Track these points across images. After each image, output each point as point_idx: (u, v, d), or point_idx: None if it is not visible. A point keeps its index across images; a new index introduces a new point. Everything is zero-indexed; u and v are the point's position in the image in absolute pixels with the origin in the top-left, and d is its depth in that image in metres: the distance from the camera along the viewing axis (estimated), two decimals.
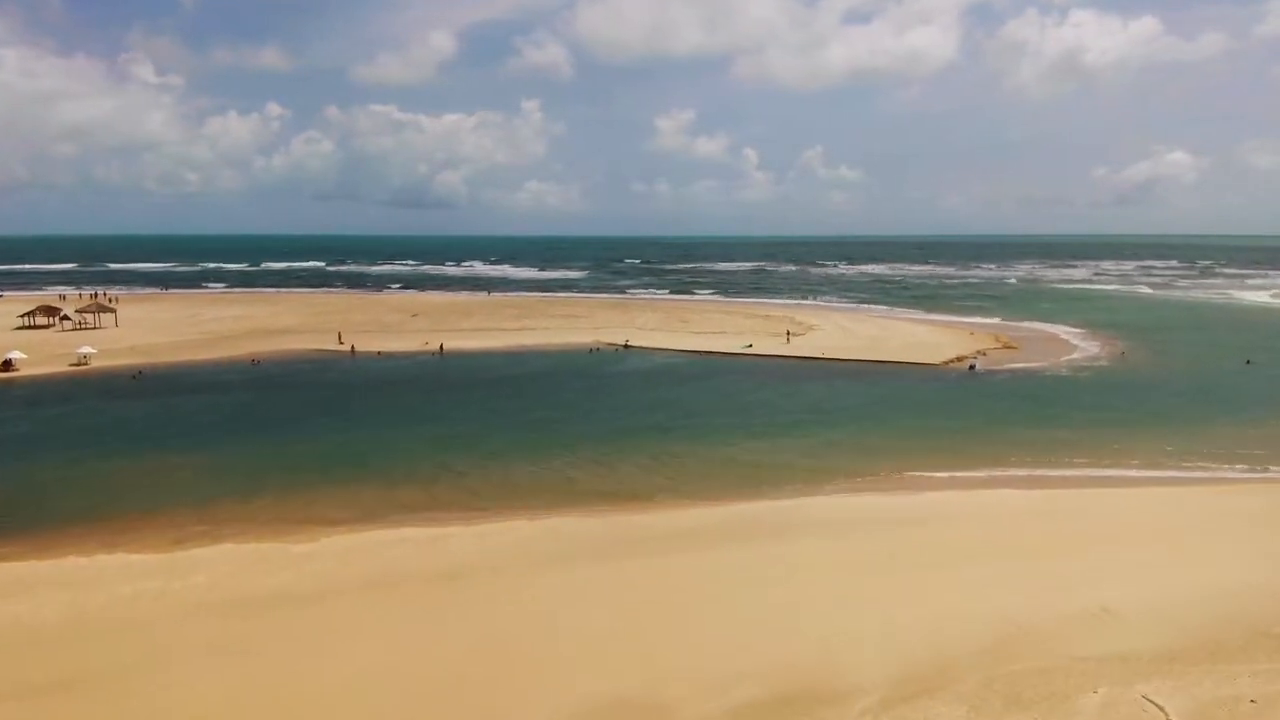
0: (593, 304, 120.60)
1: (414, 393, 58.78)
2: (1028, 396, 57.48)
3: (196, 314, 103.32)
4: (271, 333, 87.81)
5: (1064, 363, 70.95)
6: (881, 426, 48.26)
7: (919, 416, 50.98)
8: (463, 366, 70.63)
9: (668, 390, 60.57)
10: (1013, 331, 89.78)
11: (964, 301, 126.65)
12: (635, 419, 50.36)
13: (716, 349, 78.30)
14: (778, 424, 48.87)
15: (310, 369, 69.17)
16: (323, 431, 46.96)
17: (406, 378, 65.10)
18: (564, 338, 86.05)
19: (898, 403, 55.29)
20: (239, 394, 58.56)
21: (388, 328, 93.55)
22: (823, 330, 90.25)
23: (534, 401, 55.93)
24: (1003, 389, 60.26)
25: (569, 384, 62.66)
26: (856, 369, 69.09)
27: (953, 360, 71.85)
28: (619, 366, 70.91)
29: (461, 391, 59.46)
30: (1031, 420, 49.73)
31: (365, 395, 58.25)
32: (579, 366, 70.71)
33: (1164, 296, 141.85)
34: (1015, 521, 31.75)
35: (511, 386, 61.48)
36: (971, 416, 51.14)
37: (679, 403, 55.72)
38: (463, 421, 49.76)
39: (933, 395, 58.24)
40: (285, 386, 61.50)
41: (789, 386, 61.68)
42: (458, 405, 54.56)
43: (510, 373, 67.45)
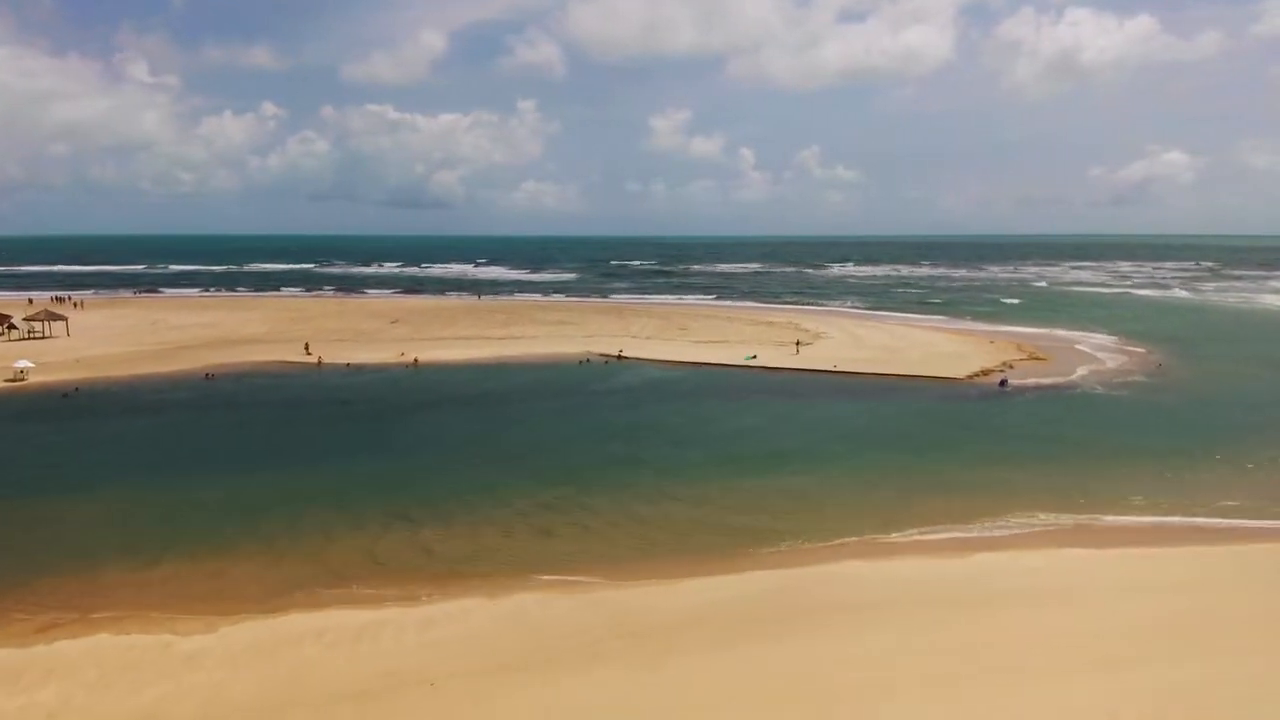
0: (585, 309, 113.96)
1: (375, 416, 51.98)
2: (1069, 419, 50.94)
3: (161, 320, 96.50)
4: (236, 342, 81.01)
5: (1098, 377, 64.35)
6: (912, 458, 41.62)
7: (953, 445, 44.34)
8: (437, 382, 63.87)
9: (664, 411, 53.87)
10: (1036, 340, 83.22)
11: (976, 306, 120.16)
12: (625, 449, 43.68)
13: (718, 361, 71.66)
14: (793, 454, 42.25)
15: (267, 385, 62.37)
16: (258, 467, 40.16)
17: (371, 395, 58.31)
18: (552, 347, 79.41)
19: (927, 427, 48.65)
20: (177, 416, 51.78)
21: (363, 336, 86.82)
22: (832, 339, 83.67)
23: (511, 426, 49.19)
24: (1038, 410, 53.65)
25: (552, 403, 55.94)
26: (873, 384, 62.56)
27: (978, 374, 65.30)
28: (610, 381, 64.22)
29: (430, 413, 52.74)
30: (1083, 450, 43.19)
31: (319, 419, 51.40)
32: (566, 381, 64.02)
33: (1183, 300, 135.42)
34: (1104, 599, 25.15)
35: (488, 407, 54.78)
36: (1012, 443, 44.63)
37: (677, 428, 49.00)
38: (424, 453, 43.04)
39: (963, 417, 51.63)
40: (232, 406, 54.68)
41: (801, 406, 55.12)
42: (423, 432, 47.81)
43: (489, 389, 60.74)
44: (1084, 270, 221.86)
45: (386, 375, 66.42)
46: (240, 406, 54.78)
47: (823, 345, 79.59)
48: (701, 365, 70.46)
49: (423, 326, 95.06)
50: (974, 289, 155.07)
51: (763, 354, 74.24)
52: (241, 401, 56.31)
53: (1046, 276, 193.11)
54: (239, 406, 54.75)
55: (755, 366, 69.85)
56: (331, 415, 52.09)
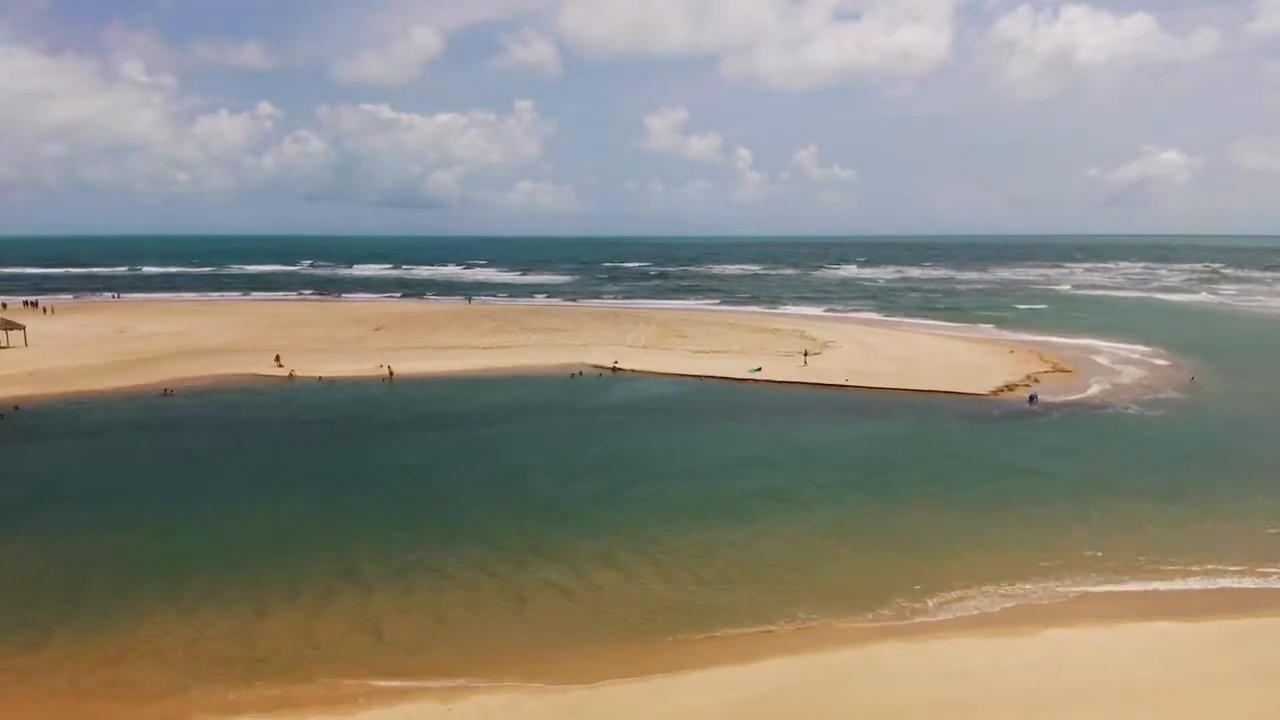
0: (580, 315, 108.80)
1: (336, 441, 46.68)
2: (1107, 448, 45.82)
3: (130, 328, 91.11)
4: (204, 353, 75.70)
5: (1129, 394, 59.24)
6: (943, 499, 36.60)
7: (986, 481, 39.31)
8: (412, 399, 58.70)
9: (659, 437, 48.80)
10: (1057, 349, 78.28)
11: (988, 310, 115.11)
12: (612, 487, 38.51)
13: (719, 373, 66.57)
14: (805, 495, 37.18)
15: (228, 402, 57.15)
16: (189, 510, 34.80)
17: (337, 416, 53.05)
18: (543, 357, 74.26)
19: (955, 457, 43.56)
20: (119, 442, 46.50)
21: (342, 345, 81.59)
22: (841, 348, 78.61)
23: (489, 455, 44.04)
24: (1072, 435, 48.59)
25: (533, 426, 50.72)
26: (890, 401, 57.58)
27: (1002, 389, 60.32)
28: (603, 398, 59.14)
29: (396, 439, 47.41)
30: (1133, 489, 38.24)
31: (273, 446, 45.91)
32: (553, 398, 58.88)
33: (1201, 304, 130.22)
34: (1222, 694, 20.12)
35: (462, 429, 49.57)
36: (1051, 478, 39.63)
37: (674, 459, 43.78)
38: (380, 491, 37.81)
39: (992, 444, 46.57)
40: (183, 429, 49.47)
41: (812, 429, 50.06)
42: (383, 463, 42.46)
43: (467, 408, 55.59)
44: (1095, 273, 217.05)
45: (359, 390, 61.21)
46: (191, 429, 49.53)
47: (832, 355, 74.54)
48: (702, 378, 65.41)
49: (406, 334, 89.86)
50: (984, 293, 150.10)
51: (768, 365, 69.19)
52: (194, 423, 51.05)
53: (1056, 279, 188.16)
54: (190, 429, 49.50)
55: (761, 380, 64.82)
56: (287, 441, 46.72)
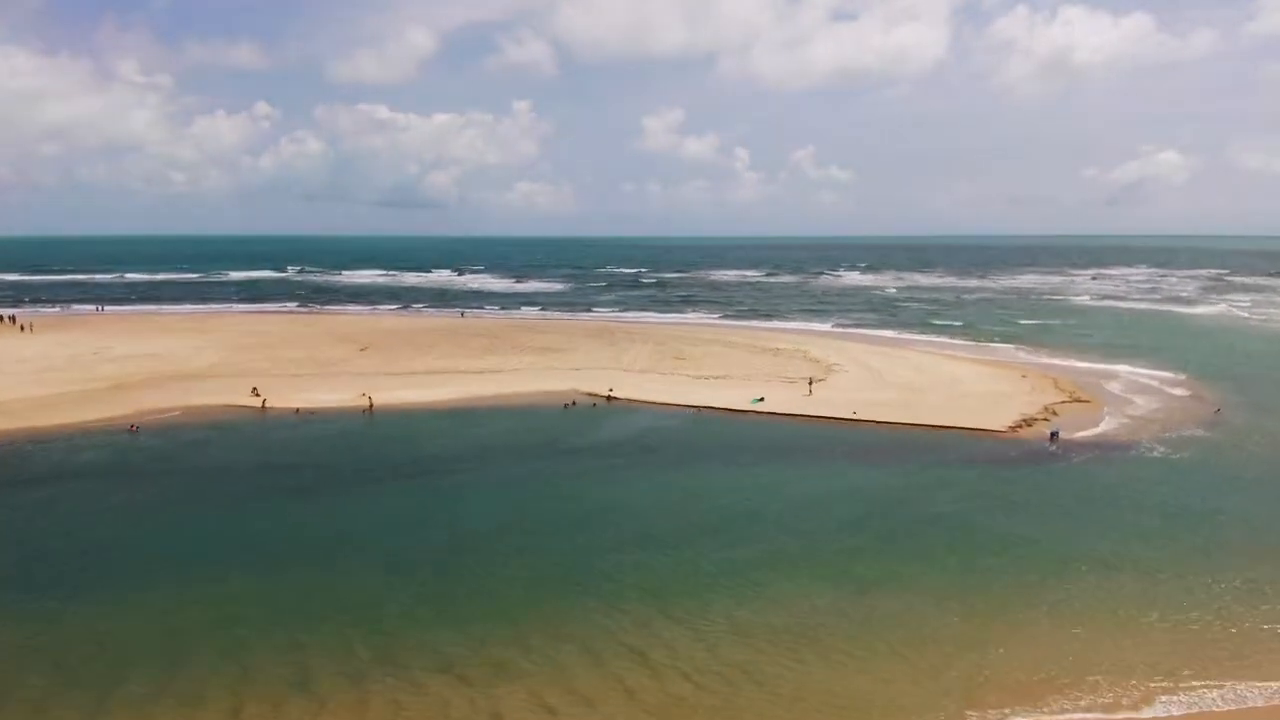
0: (574, 330, 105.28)
1: (304, 495, 43.04)
2: (1141, 500, 42.57)
3: (105, 349, 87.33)
4: (179, 379, 72.09)
5: (1152, 430, 55.79)
6: (973, 569, 33.23)
7: (1018, 545, 35.92)
8: (391, 435, 55.26)
9: (652, 484, 45.40)
10: (1071, 373, 75.00)
11: (996, 326, 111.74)
12: (600, 551, 35.09)
13: (720, 404, 63.16)
14: (813, 564, 33.80)
15: (195, 440, 53.59)
16: (131, 589, 31.22)
17: (308, 459, 49.44)
18: (535, 383, 70.81)
19: (977, 512, 40.14)
20: (69, 492, 42.85)
21: (325, 368, 78.00)
22: (846, 372, 75.23)
23: (463, 513, 40.54)
24: (1100, 483, 45.22)
25: (517, 471, 47.20)
26: (900, 438, 54.27)
27: (1020, 424, 56.98)
28: (595, 434, 55.73)
29: (365, 489, 44.00)
30: (1185, 556, 34.90)
31: (235, 500, 42.16)
32: (542, 434, 55.43)
33: (1214, 320, 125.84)
34: None
35: (438, 476, 46.07)
36: (1093, 542, 36.25)
37: (664, 516, 40.24)
38: (351, 561, 34.28)
39: (1016, 494, 43.21)
40: (142, 476, 45.87)
41: (818, 474, 46.69)
42: (347, 522, 39.02)
43: (448, 448, 52.04)
44: (1101, 280, 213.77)
45: (336, 425, 57.68)
46: (149, 477, 45.89)
47: (837, 382, 71.16)
48: (701, 410, 62.00)
49: (393, 354, 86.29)
50: (988, 303, 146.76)
51: (771, 394, 65.82)
52: (154, 469, 47.44)
53: (1061, 289, 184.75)
54: (148, 477, 45.87)
55: (763, 412, 61.42)
56: (249, 494, 43.05)
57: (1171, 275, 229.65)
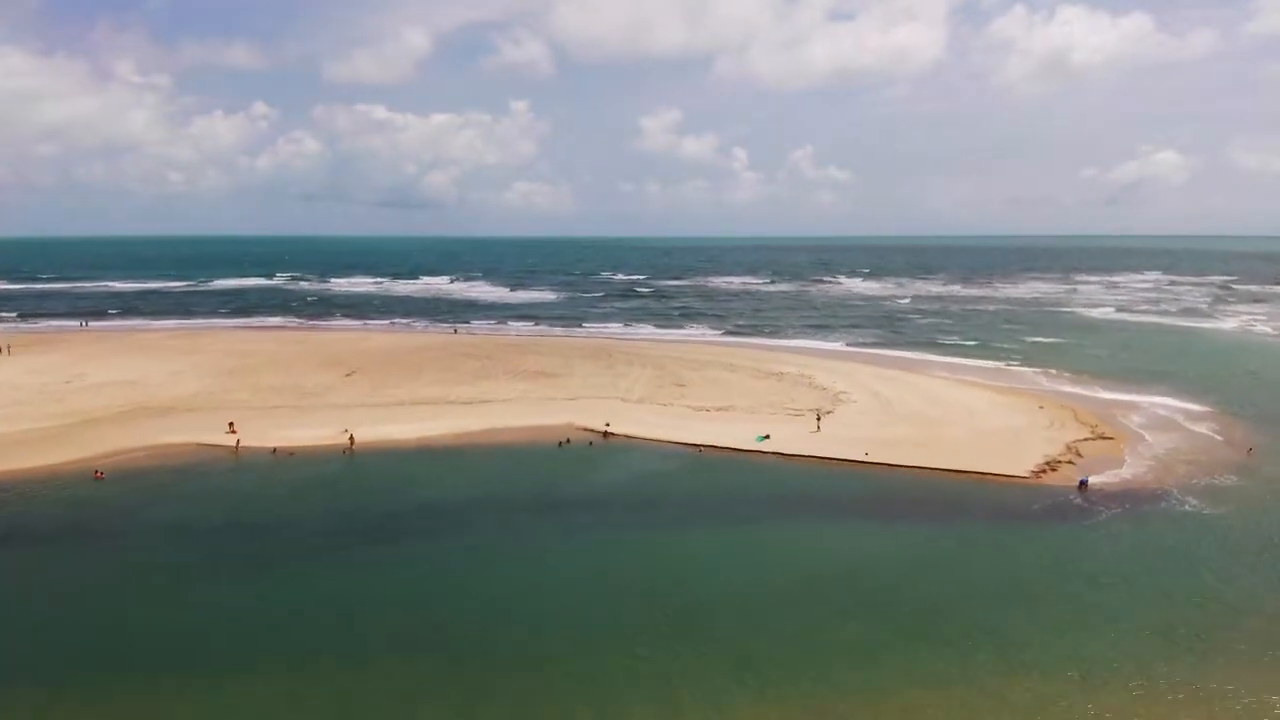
0: (570, 350, 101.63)
1: (262, 567, 39.24)
2: (1175, 567, 39.27)
3: (79, 377, 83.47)
4: (153, 412, 68.45)
5: (1182, 478, 51.99)
6: (1015, 668, 29.70)
7: (1061, 632, 32.44)
8: (370, 483, 51.71)
9: (645, 548, 42.02)
10: (1090, 405, 71.49)
11: (1005, 343, 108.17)
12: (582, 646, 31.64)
13: (723, 442, 59.64)
14: (821, 657, 30.31)
15: (162, 488, 50.08)
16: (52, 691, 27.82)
17: (277, 515, 45.79)
18: (528, 416, 67.32)
19: (1010, 588, 36.65)
20: (12, 559, 39.40)
21: (308, 397, 74.36)
22: (854, 402, 71.70)
23: (440, 588, 37.10)
24: (1133, 548, 41.71)
25: (509, 530, 43.75)
26: (915, 484, 50.91)
27: (1044, 468, 53.53)
28: (588, 480, 52.32)
29: (338, 557, 40.42)
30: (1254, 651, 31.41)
31: (188, 572, 38.74)
32: (536, 481, 51.97)
33: (1229, 337, 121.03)
34: None
35: (417, 540, 42.47)
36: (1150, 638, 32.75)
37: (659, 593, 36.70)
38: (304, 661, 30.68)
39: (1043, 560, 39.78)
40: (97, 535, 42.43)
41: (828, 533, 43.20)
42: (313, 606, 35.37)
43: (433, 499, 48.50)
44: (1105, 289, 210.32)
45: (313, 469, 54.16)
46: (105, 537, 42.50)
47: (846, 414, 67.63)
48: (703, 449, 58.50)
49: (382, 380, 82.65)
50: (994, 316, 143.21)
51: (776, 429, 62.31)
52: (112, 526, 43.92)
53: (1066, 300, 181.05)
54: (103, 537, 42.48)
55: (768, 452, 57.93)
56: (201, 564, 39.41)
57: (1178, 282, 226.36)
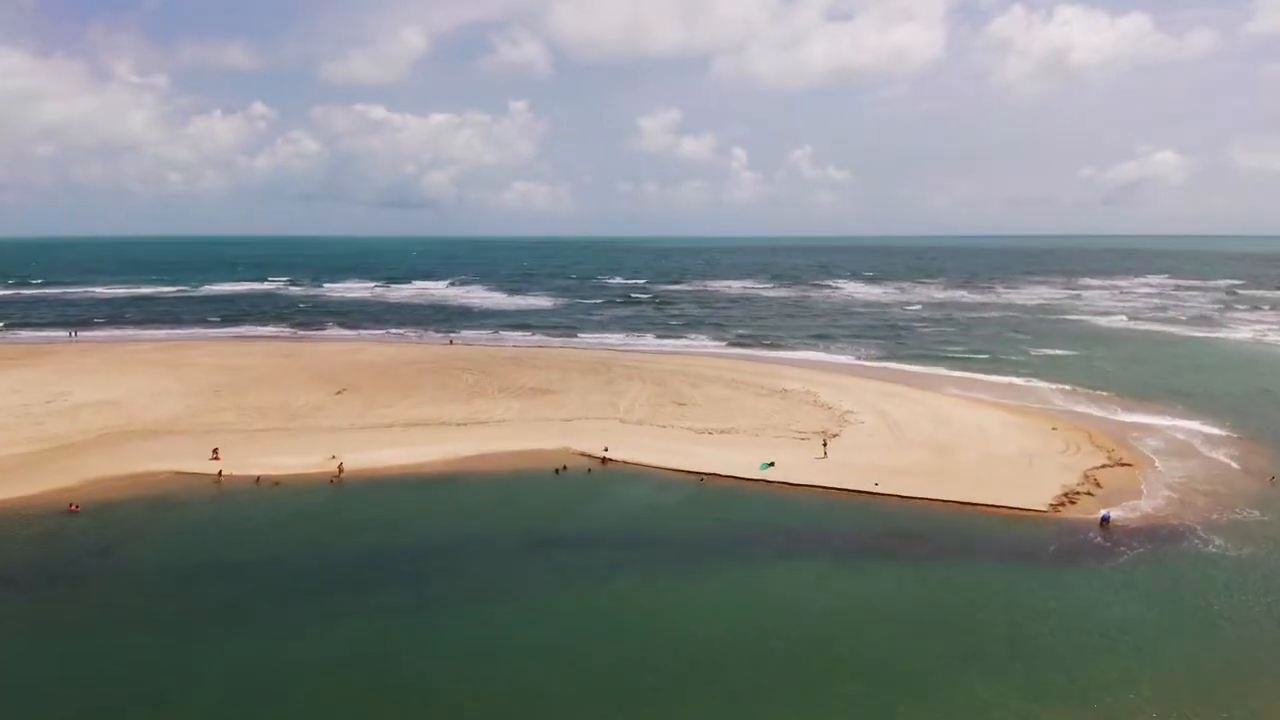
0: (568, 365, 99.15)
1: (231, 615, 37.03)
2: (1207, 617, 36.89)
3: (62, 396, 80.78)
4: (136, 436, 65.99)
5: (1201, 508, 50.21)
6: None
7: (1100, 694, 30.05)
8: (357, 518, 49.39)
9: (639, 600, 39.60)
10: (1105, 427, 69.15)
11: (1011, 356, 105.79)
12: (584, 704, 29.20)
13: (726, 470, 57.27)
14: None
15: (139, 524, 47.83)
16: None
17: (256, 555, 43.45)
18: (524, 439, 64.96)
19: (1027, 649, 34.29)
20: None
21: (296, 418, 71.90)
22: (862, 423, 69.32)
23: (425, 647, 34.72)
24: (1159, 596, 39.39)
25: (500, 574, 41.42)
26: (928, 519, 48.57)
27: (1062, 501, 51.21)
28: (586, 514, 50.16)
29: (321, 602, 38.09)
30: None
31: (148, 621, 36.49)
32: (531, 514, 49.67)
33: (1241, 348, 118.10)
34: None
35: (408, 585, 40.02)
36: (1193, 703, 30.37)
37: (663, 649, 34.40)
38: None
39: (1070, 611, 37.42)
40: (64, 581, 40.23)
41: (836, 578, 40.77)
42: (280, 666, 33.07)
43: (422, 536, 46.30)
44: (1109, 294, 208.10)
45: (298, 501, 51.86)
46: (69, 583, 40.45)
47: (853, 437, 65.25)
48: (705, 478, 56.14)
49: (373, 397, 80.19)
50: (1000, 325, 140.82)
51: (781, 455, 60.00)
52: (79, 569, 41.69)
53: (1070, 307, 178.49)
54: (67, 583, 40.42)
55: (774, 481, 55.56)
56: (169, 614, 37.18)
57: (1183, 287, 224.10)
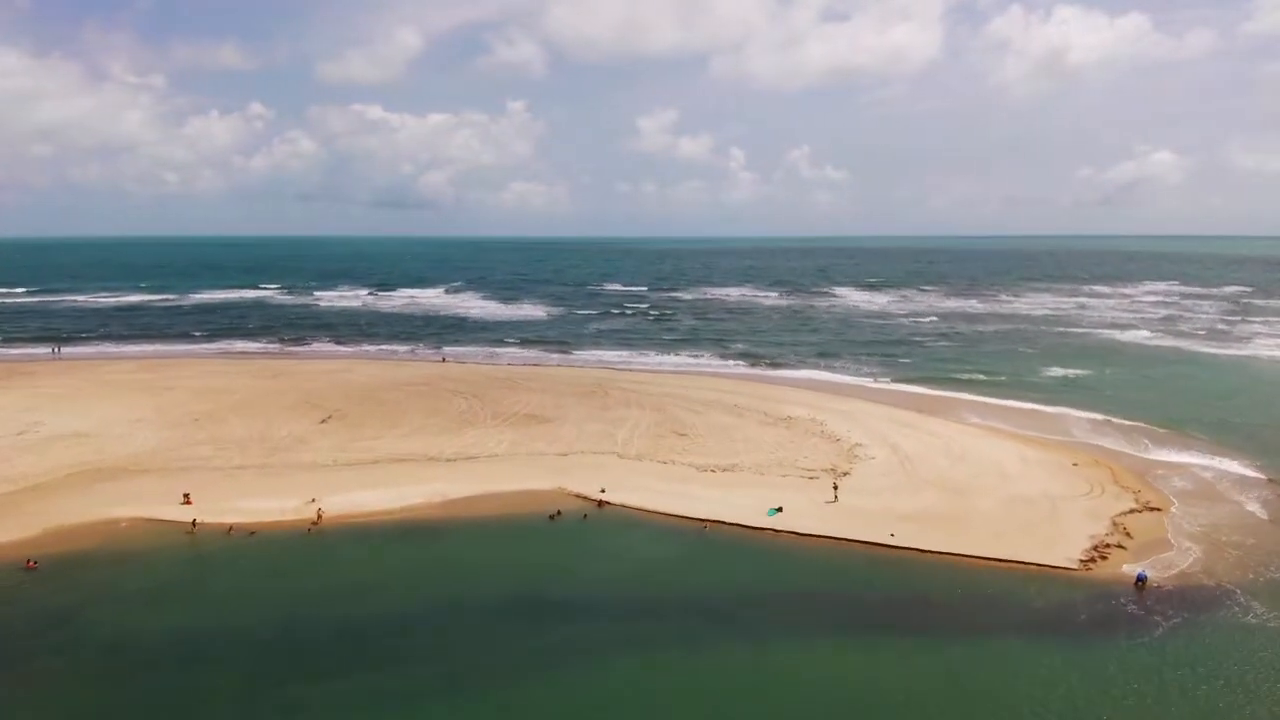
0: (563, 387, 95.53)
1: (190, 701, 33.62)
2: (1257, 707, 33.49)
3: (36, 425, 76.85)
4: (107, 475, 62.34)
5: (1237, 563, 47.03)
6: None
7: None
8: (334, 580, 45.54)
9: (643, 679, 36.03)
10: (1129, 462, 65.84)
11: (1024, 376, 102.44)
12: None
13: (730, 516, 53.86)
14: None
15: (100, 586, 44.07)
16: None
17: (222, 626, 39.70)
18: (516, 477, 61.62)
19: None
20: None
21: (276, 453, 68.28)
22: (872, 459, 65.91)
23: None
24: (1210, 680, 35.96)
25: (487, 650, 37.85)
26: (949, 578, 45.15)
27: (1093, 556, 47.87)
28: (580, 574, 46.74)
29: (285, 687, 34.44)
30: None
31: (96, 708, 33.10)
32: (523, 572, 46.20)
33: (1264, 367, 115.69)
34: None
35: (388, 669, 36.40)
36: None
37: None
38: None
39: (1105, 699, 33.95)
40: (3, 658, 36.42)
41: (859, 654, 37.24)
42: None
43: (404, 603, 42.67)
44: (1116, 302, 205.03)
45: (272, 555, 48.53)
46: (18, 658, 36.88)
47: (864, 476, 61.85)
48: (708, 526, 52.73)
49: (359, 426, 76.64)
50: (1006, 338, 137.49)
51: (789, 497, 56.81)
52: (24, 645, 37.93)
53: (1078, 318, 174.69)
54: (16, 658, 36.85)
55: (782, 530, 52.15)
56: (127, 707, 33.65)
57: (1190, 295, 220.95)
